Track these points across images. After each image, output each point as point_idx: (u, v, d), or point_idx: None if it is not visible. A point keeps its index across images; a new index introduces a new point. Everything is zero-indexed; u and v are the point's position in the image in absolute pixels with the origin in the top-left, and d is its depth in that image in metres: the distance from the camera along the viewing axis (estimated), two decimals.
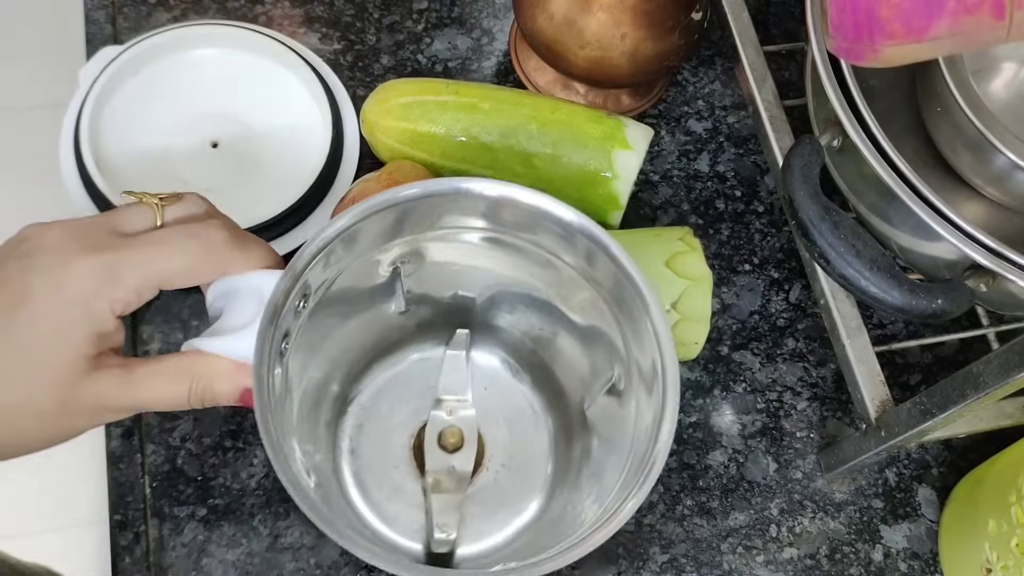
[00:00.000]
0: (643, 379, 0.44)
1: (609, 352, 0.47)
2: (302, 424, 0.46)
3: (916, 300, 0.41)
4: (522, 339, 0.52)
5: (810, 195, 0.42)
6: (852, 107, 0.43)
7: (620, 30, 0.55)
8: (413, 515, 0.50)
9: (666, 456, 0.40)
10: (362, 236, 0.44)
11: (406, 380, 0.53)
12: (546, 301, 0.49)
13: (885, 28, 0.37)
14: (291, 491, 0.37)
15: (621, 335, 0.45)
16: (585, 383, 0.50)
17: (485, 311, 0.52)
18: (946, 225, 0.41)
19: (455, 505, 0.49)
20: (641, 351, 0.44)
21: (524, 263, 0.47)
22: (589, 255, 0.44)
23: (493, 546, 0.50)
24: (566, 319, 0.49)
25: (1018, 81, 0.49)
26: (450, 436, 0.51)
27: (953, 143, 0.46)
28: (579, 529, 0.41)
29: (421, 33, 0.65)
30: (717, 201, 0.62)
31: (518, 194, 0.43)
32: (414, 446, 0.52)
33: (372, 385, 0.53)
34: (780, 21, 0.66)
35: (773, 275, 0.60)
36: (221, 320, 0.43)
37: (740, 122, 0.64)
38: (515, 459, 0.52)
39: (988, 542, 0.47)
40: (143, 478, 0.53)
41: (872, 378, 0.49)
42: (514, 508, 0.51)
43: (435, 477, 0.50)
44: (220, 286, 0.43)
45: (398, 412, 0.52)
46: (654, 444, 0.40)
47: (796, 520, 0.54)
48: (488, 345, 0.54)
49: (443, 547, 0.49)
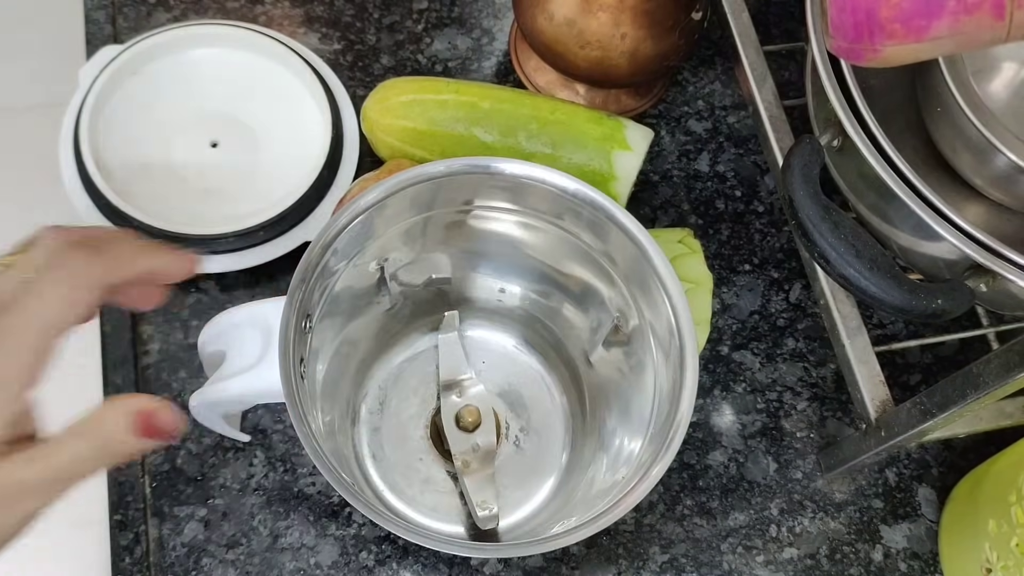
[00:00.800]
0: (659, 341, 0.45)
1: (603, 297, 0.48)
2: (323, 441, 0.46)
3: (916, 300, 0.41)
4: (516, 305, 0.53)
5: (810, 195, 0.42)
6: (852, 107, 0.43)
7: (620, 30, 0.55)
8: (449, 501, 0.51)
9: (690, 416, 0.41)
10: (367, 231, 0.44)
11: (408, 374, 0.54)
12: (531, 265, 0.50)
13: (885, 28, 0.37)
14: (345, 493, 0.38)
15: (620, 288, 0.46)
16: (581, 332, 0.51)
17: (467, 287, 0.53)
18: (946, 225, 0.41)
19: (488, 480, 0.50)
20: (656, 315, 0.45)
21: (495, 230, 0.48)
22: (598, 226, 0.46)
23: (532, 511, 0.51)
24: (551, 278, 0.50)
25: (1018, 81, 0.48)
26: (467, 415, 0.51)
27: (953, 143, 0.46)
28: (611, 479, 0.43)
29: (421, 33, 0.65)
30: (717, 201, 0.62)
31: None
32: (431, 435, 0.52)
33: (375, 387, 0.53)
34: (780, 21, 0.66)
35: (773, 275, 0.60)
36: (228, 362, 0.42)
37: (740, 122, 0.64)
38: (531, 422, 0.53)
39: (988, 542, 0.47)
40: (143, 478, 0.53)
41: (872, 378, 0.49)
42: (542, 469, 0.52)
43: (463, 459, 0.50)
44: (212, 329, 0.42)
45: (408, 406, 0.53)
46: (676, 407, 0.42)
47: (796, 520, 0.54)
48: (474, 320, 0.54)
49: (490, 523, 0.49)
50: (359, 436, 0.52)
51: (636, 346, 0.47)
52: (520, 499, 0.51)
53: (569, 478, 0.51)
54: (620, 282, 0.47)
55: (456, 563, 0.52)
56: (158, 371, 0.55)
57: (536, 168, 0.45)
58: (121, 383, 0.55)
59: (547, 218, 0.47)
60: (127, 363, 0.55)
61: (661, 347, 0.45)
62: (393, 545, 0.52)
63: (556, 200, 0.45)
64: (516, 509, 0.51)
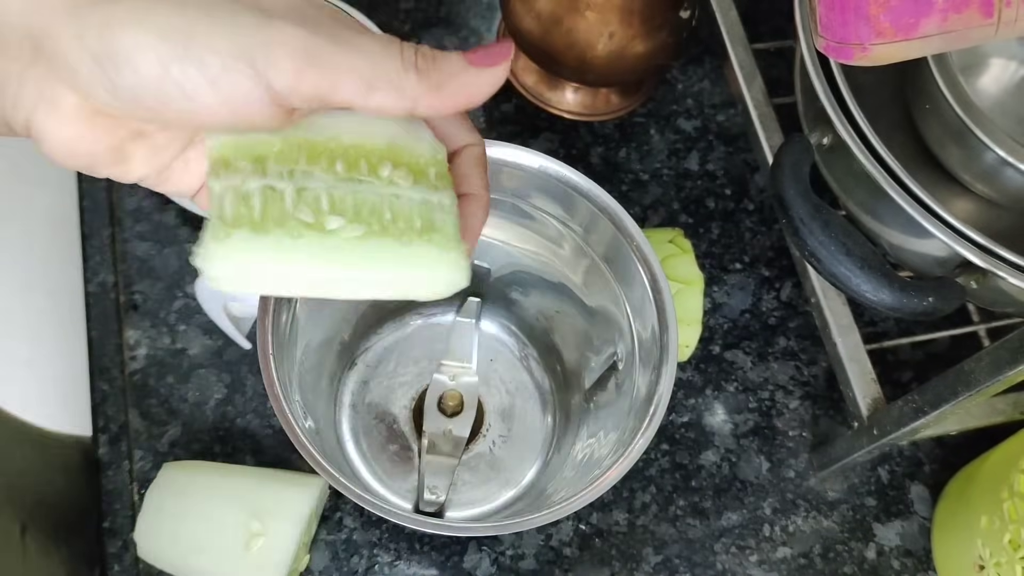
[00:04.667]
0: (643, 351, 0.45)
1: (613, 330, 0.48)
2: (305, 375, 0.47)
3: (907, 298, 0.41)
4: (536, 317, 0.53)
5: (800, 193, 0.42)
6: (841, 105, 0.43)
7: (608, 29, 0.55)
8: (406, 474, 0.51)
9: (668, 399, 0.41)
10: None
11: (415, 342, 0.54)
12: (559, 282, 0.50)
13: (874, 26, 0.37)
14: (285, 425, 0.38)
15: (625, 311, 0.46)
16: (587, 360, 0.51)
17: (500, 285, 0.53)
18: (936, 222, 0.41)
19: (449, 469, 0.50)
20: (642, 323, 0.44)
21: (534, 236, 0.48)
22: (583, 212, 0.45)
23: (479, 515, 0.51)
24: (577, 299, 0.50)
25: (1006, 77, 0.48)
26: (450, 400, 0.51)
27: (942, 140, 0.46)
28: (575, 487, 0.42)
29: (408, 33, 0.65)
30: (707, 200, 0.62)
31: (519, 156, 0.44)
32: (415, 408, 0.53)
33: (380, 344, 0.54)
34: (769, 18, 0.65)
35: (764, 273, 0.60)
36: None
37: (729, 120, 0.64)
38: (513, 432, 0.53)
39: (981, 538, 0.47)
40: (131, 484, 0.52)
41: (864, 376, 0.49)
42: (506, 480, 0.52)
43: (431, 439, 0.50)
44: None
45: (404, 372, 0.54)
46: (656, 384, 0.41)
47: (789, 519, 0.54)
48: (501, 318, 0.55)
49: (430, 508, 0.49)
50: (347, 379, 0.53)
51: (625, 374, 0.47)
52: (475, 499, 0.52)
53: (527, 495, 0.52)
54: (618, 291, 0.47)
55: (450, 565, 0.52)
56: (145, 377, 0.54)
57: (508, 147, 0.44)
58: (108, 389, 0.54)
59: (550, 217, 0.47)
60: (115, 367, 0.54)
61: (644, 355, 0.45)
62: (388, 534, 0.52)
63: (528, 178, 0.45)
64: (467, 507, 0.51)
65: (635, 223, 0.44)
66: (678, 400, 0.57)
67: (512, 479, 0.52)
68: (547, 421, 0.54)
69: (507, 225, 0.48)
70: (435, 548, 0.52)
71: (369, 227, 0.27)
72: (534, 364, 0.55)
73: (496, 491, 0.52)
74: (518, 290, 0.53)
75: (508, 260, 0.51)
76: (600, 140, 0.63)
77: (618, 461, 0.40)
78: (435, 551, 0.52)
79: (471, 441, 0.52)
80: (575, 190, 0.44)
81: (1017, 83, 0.48)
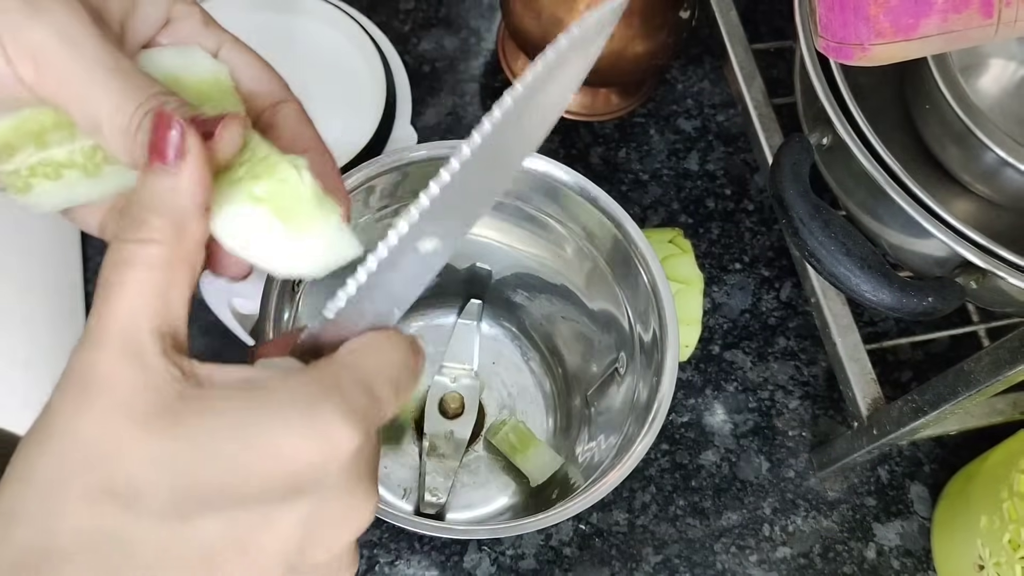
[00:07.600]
0: (645, 354, 0.45)
1: (616, 336, 0.48)
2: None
3: (907, 298, 0.41)
4: (538, 320, 0.53)
5: (800, 193, 0.42)
6: (841, 105, 0.43)
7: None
8: (405, 475, 0.51)
9: (668, 404, 0.41)
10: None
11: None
12: (560, 285, 0.50)
13: (874, 27, 0.37)
14: None
15: (627, 315, 0.46)
16: (589, 365, 0.51)
17: (502, 287, 0.53)
18: (936, 222, 0.41)
19: (449, 471, 0.50)
20: (644, 325, 0.44)
21: (536, 238, 0.48)
22: (584, 214, 0.45)
23: (478, 517, 0.51)
24: (578, 301, 0.50)
25: (1006, 77, 0.49)
26: (451, 401, 0.51)
27: (942, 140, 0.46)
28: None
29: (408, 34, 0.65)
30: (707, 200, 0.62)
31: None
32: (415, 409, 0.52)
33: None
34: (769, 19, 0.65)
35: (764, 273, 0.60)
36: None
37: (729, 120, 0.64)
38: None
39: (980, 538, 0.47)
40: None
41: (863, 376, 0.49)
42: (505, 483, 0.52)
43: (432, 441, 0.50)
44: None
45: None
46: (657, 388, 0.41)
47: (789, 519, 0.54)
48: (502, 321, 0.55)
49: (431, 509, 0.49)
50: None
51: (626, 378, 0.47)
52: (476, 500, 0.51)
53: (526, 499, 0.51)
54: (620, 293, 0.47)
55: (450, 565, 0.52)
56: None
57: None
58: None
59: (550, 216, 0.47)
60: None
61: (645, 358, 0.45)
62: (386, 533, 0.52)
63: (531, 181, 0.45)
64: (465, 509, 0.51)
65: (635, 224, 0.44)
66: (678, 400, 0.57)
67: (511, 484, 0.52)
68: (548, 424, 0.54)
69: (509, 228, 0.48)
70: (435, 548, 0.52)
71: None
72: (535, 367, 0.54)
73: (494, 494, 0.52)
74: (520, 293, 0.53)
75: (510, 262, 0.51)
76: (600, 140, 0.63)
77: (618, 465, 0.40)
78: (435, 551, 0.52)
79: (472, 443, 0.52)
80: (575, 192, 0.44)
81: (1017, 83, 0.48)
